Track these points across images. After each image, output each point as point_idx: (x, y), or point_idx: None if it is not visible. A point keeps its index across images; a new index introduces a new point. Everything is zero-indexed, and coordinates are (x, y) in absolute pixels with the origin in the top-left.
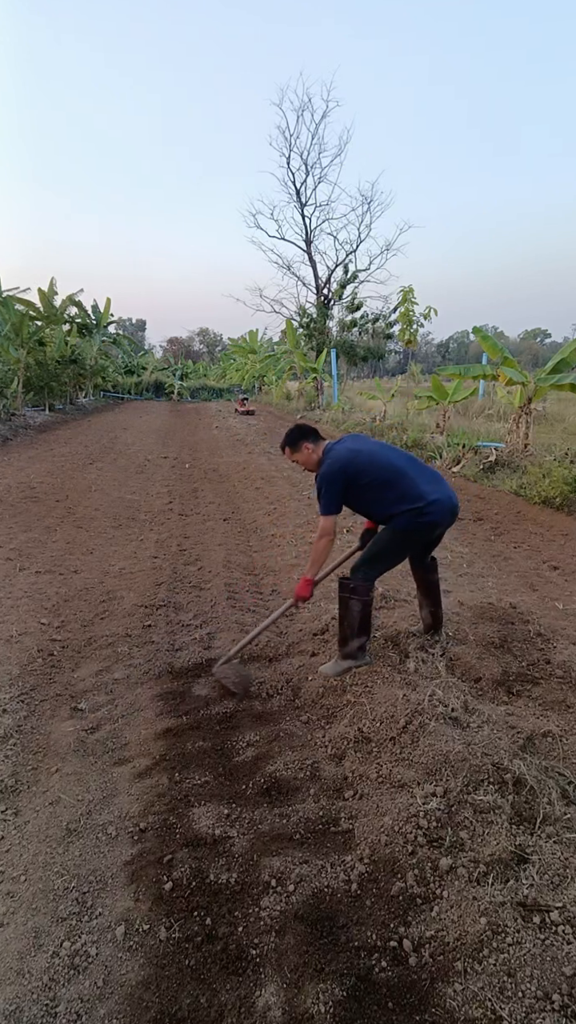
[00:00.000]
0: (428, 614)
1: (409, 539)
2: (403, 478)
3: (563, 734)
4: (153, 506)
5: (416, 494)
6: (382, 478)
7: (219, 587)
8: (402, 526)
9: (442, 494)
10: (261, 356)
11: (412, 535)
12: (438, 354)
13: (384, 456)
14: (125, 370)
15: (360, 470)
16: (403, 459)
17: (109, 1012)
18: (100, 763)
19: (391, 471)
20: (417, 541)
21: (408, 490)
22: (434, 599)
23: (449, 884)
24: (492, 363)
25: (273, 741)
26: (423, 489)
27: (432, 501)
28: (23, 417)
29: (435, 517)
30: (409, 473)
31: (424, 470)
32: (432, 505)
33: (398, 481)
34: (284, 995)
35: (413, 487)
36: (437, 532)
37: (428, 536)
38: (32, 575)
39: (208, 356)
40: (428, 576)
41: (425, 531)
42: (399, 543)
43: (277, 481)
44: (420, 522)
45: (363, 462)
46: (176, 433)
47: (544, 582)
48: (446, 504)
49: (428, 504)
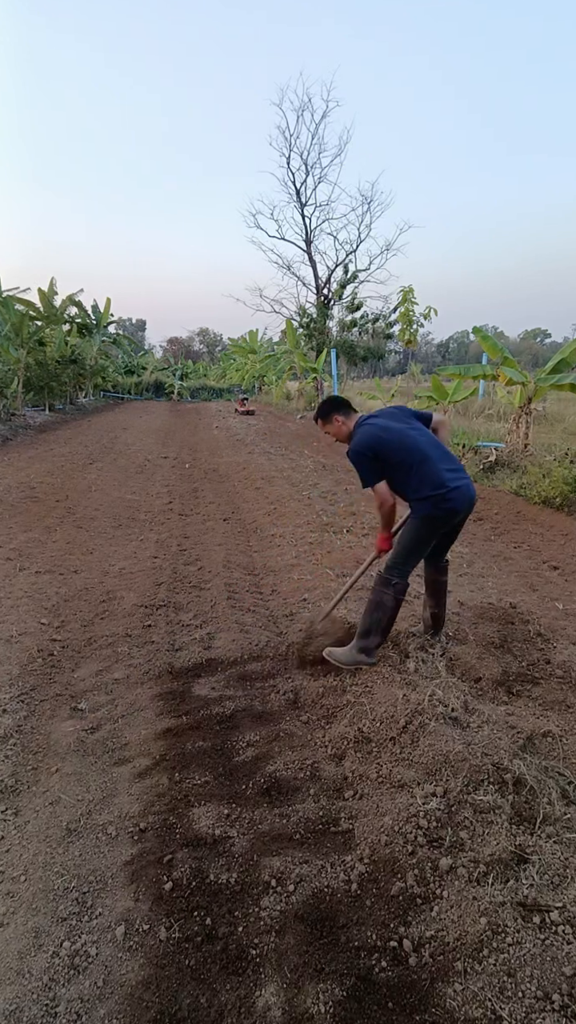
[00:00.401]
0: (431, 615)
1: (432, 526)
2: (427, 463)
3: (563, 734)
4: (153, 506)
5: (439, 480)
6: (407, 460)
7: (219, 587)
8: (425, 512)
9: (462, 482)
10: (261, 356)
11: (434, 522)
12: (438, 354)
13: (412, 439)
14: (125, 370)
15: (388, 449)
16: (430, 444)
17: (109, 1012)
18: (100, 763)
19: (417, 454)
20: (439, 528)
21: (431, 476)
22: (439, 600)
23: (449, 884)
24: (492, 363)
25: (273, 741)
26: (445, 476)
27: (454, 488)
28: (23, 417)
29: (456, 504)
30: (433, 458)
31: (448, 457)
32: (453, 492)
33: (422, 465)
34: (284, 995)
35: (436, 473)
36: (456, 520)
37: (449, 523)
38: (32, 575)
39: (208, 356)
40: (439, 577)
41: (446, 518)
42: (424, 531)
43: (277, 481)
44: (442, 508)
45: (391, 441)
46: (176, 433)
47: (544, 582)
48: (465, 493)
49: (450, 491)
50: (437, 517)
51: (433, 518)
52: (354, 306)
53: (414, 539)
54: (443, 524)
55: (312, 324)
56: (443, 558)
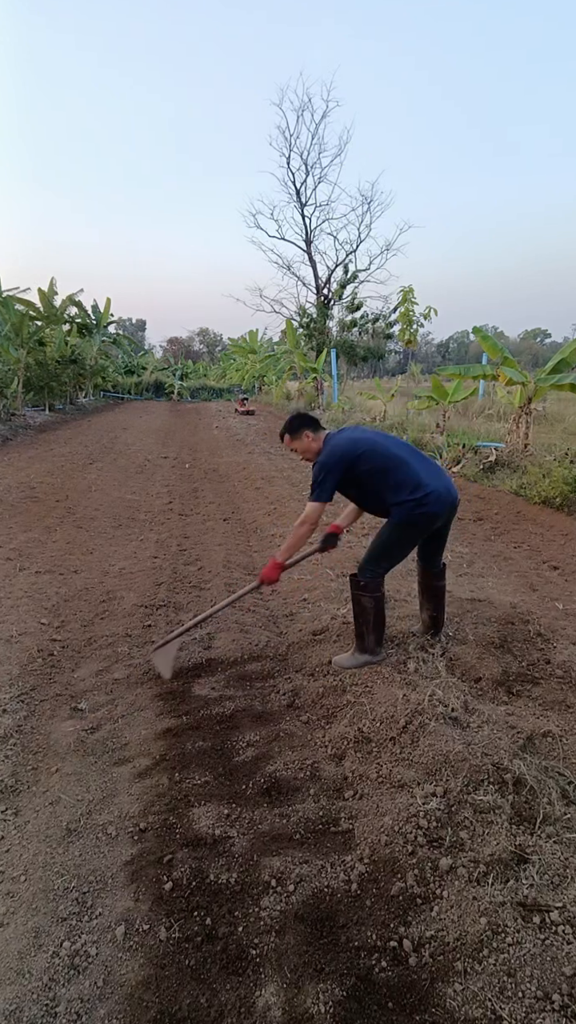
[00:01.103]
0: (428, 617)
1: (409, 532)
2: (402, 467)
3: (563, 734)
4: (153, 506)
5: (414, 484)
6: (382, 466)
7: (219, 587)
8: (401, 518)
9: (440, 485)
10: (261, 356)
11: (411, 527)
12: (438, 354)
13: (384, 445)
14: (125, 370)
15: (360, 457)
16: (404, 449)
17: (109, 1012)
18: (100, 763)
19: (391, 459)
20: (417, 534)
21: (407, 480)
22: (436, 604)
23: (449, 884)
24: (492, 363)
25: (273, 741)
26: (422, 479)
27: (430, 492)
28: (23, 417)
29: (433, 508)
30: (409, 462)
31: (424, 461)
32: (430, 496)
33: (397, 469)
34: (284, 995)
35: (412, 477)
36: (437, 525)
37: (428, 528)
38: (32, 575)
39: (208, 356)
40: (434, 582)
41: (424, 523)
42: (400, 536)
43: (277, 481)
44: (418, 513)
45: (364, 450)
46: (176, 433)
47: (544, 582)
48: (444, 496)
49: (426, 495)
50: (414, 523)
51: (409, 524)
52: (354, 306)
53: (388, 542)
54: (423, 529)
55: (312, 324)
56: (437, 561)
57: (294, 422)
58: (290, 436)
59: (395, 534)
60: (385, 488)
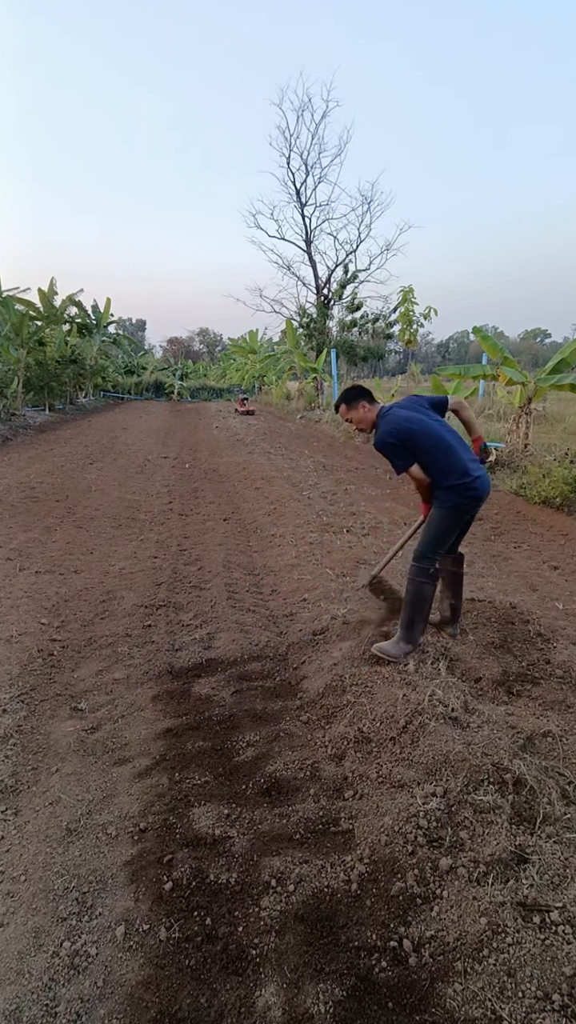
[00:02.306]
0: (448, 606)
1: (458, 514)
2: (451, 452)
3: (563, 734)
4: (153, 506)
5: (463, 469)
6: (434, 448)
7: (219, 587)
8: (451, 502)
9: (482, 471)
10: (261, 356)
11: (459, 510)
12: (438, 354)
13: (436, 429)
14: (125, 370)
15: (414, 436)
16: (452, 435)
17: (109, 1012)
18: (100, 763)
19: (442, 444)
20: (463, 516)
21: (455, 465)
22: (456, 592)
23: (449, 884)
24: (492, 363)
25: (273, 741)
26: (468, 466)
27: (477, 477)
28: (23, 417)
29: (479, 492)
30: (456, 448)
31: (468, 450)
32: (476, 481)
33: (447, 455)
34: (284, 995)
35: (460, 463)
36: (476, 509)
37: (472, 511)
38: (32, 575)
39: (208, 356)
40: (456, 569)
41: (470, 506)
42: (450, 519)
43: (277, 481)
44: (468, 495)
45: (416, 430)
46: (176, 433)
47: (544, 582)
48: (486, 483)
49: (473, 479)
50: (462, 505)
51: (459, 506)
52: (354, 306)
53: (441, 527)
54: (467, 512)
55: (312, 324)
56: (458, 550)
57: (351, 392)
58: (346, 406)
59: (447, 518)
60: (434, 470)
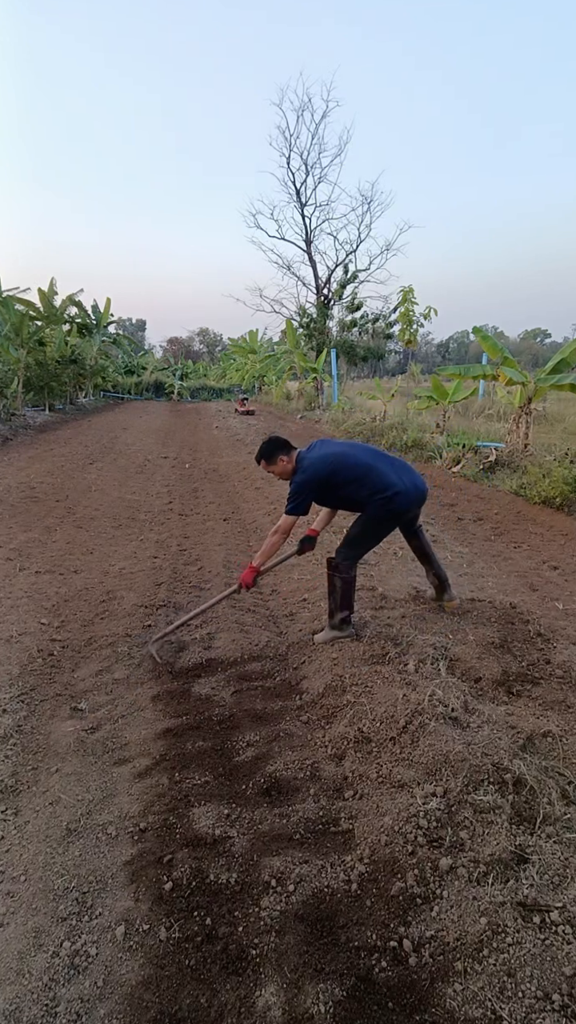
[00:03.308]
0: (434, 576)
1: (381, 525)
2: (371, 472)
3: (563, 734)
4: (153, 506)
5: (384, 484)
6: (353, 475)
7: (219, 587)
8: (373, 513)
9: (409, 483)
10: (261, 356)
11: (384, 521)
12: (438, 354)
13: (352, 455)
14: (125, 370)
15: (333, 473)
16: (370, 455)
17: (109, 1012)
18: (100, 763)
19: (360, 468)
20: (387, 527)
21: (377, 482)
22: (431, 560)
23: (449, 884)
24: (492, 363)
25: (273, 741)
26: (391, 480)
27: (399, 491)
28: (23, 417)
29: (403, 505)
30: (377, 467)
31: (392, 462)
32: (399, 495)
33: (367, 476)
34: (284, 995)
35: (381, 479)
36: (407, 518)
37: (398, 522)
38: (32, 575)
39: (208, 356)
40: (420, 543)
41: (395, 517)
42: (373, 528)
43: (277, 481)
44: (389, 509)
45: (335, 464)
46: (176, 433)
47: (544, 582)
48: (412, 493)
49: (396, 493)
50: (386, 517)
51: (381, 518)
52: (354, 306)
53: (361, 532)
54: (394, 523)
55: (312, 324)
56: (414, 528)
57: (268, 447)
58: (266, 461)
59: (368, 527)
60: (359, 492)
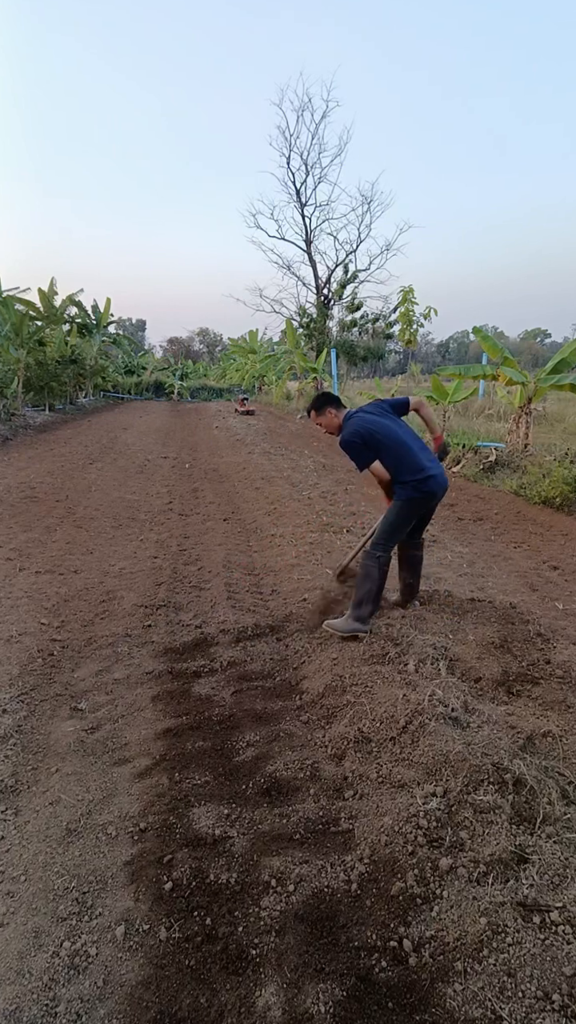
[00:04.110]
0: (405, 585)
1: (412, 508)
2: (409, 451)
3: (563, 734)
4: (153, 506)
5: (418, 467)
6: (391, 449)
7: (219, 587)
8: (406, 496)
9: (438, 470)
10: (261, 356)
11: (414, 504)
12: (438, 354)
13: (394, 430)
14: (125, 370)
15: (375, 439)
16: (409, 435)
17: (109, 1012)
18: (100, 763)
19: (399, 444)
20: (417, 511)
21: (412, 463)
22: (413, 571)
23: (449, 884)
24: (492, 363)
25: (273, 741)
26: (424, 464)
27: (431, 475)
28: (23, 417)
29: (433, 488)
30: (413, 448)
31: (425, 449)
32: (431, 479)
33: (404, 454)
34: (284, 995)
35: (416, 461)
36: (432, 504)
37: (427, 505)
38: (32, 575)
39: (208, 356)
40: (414, 552)
41: (424, 500)
42: (405, 512)
43: (277, 481)
44: (422, 490)
45: (377, 432)
46: (176, 433)
47: (544, 582)
48: (441, 480)
49: (428, 477)
50: (416, 499)
51: (412, 500)
52: (354, 306)
53: (396, 519)
54: (422, 506)
55: (312, 324)
56: (419, 537)
57: (319, 400)
58: (316, 412)
59: (401, 511)
60: (393, 467)
